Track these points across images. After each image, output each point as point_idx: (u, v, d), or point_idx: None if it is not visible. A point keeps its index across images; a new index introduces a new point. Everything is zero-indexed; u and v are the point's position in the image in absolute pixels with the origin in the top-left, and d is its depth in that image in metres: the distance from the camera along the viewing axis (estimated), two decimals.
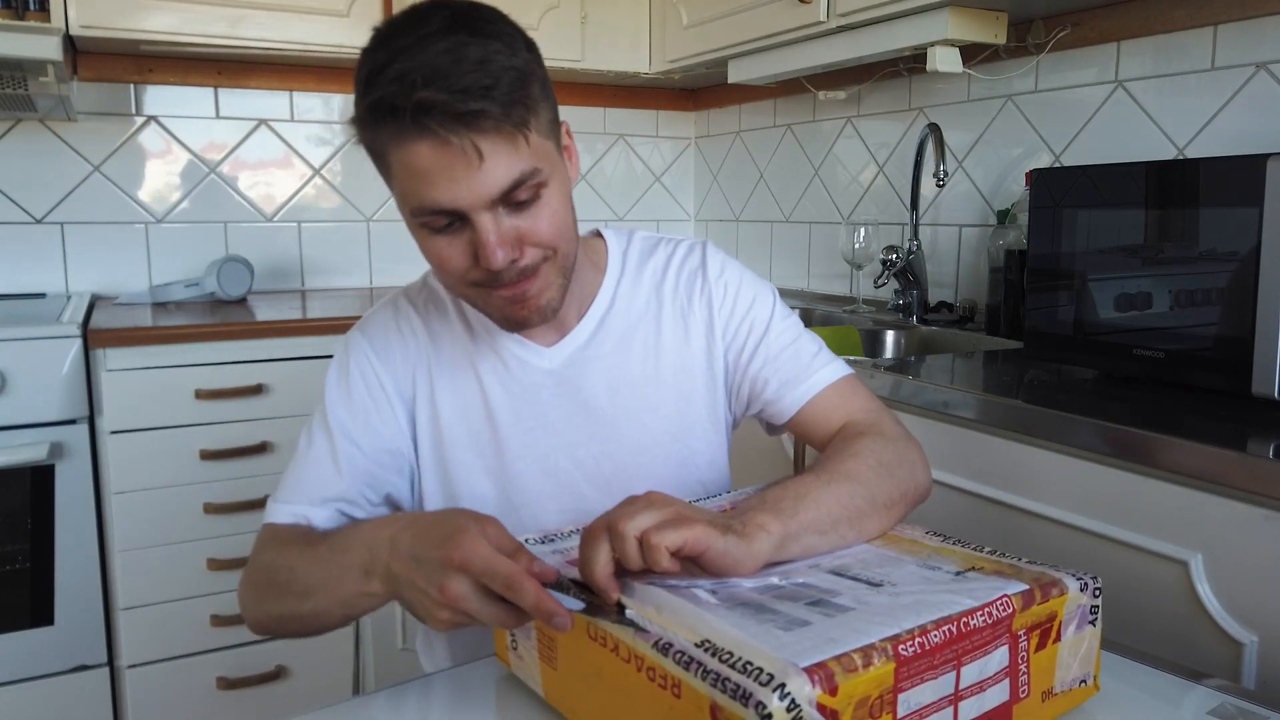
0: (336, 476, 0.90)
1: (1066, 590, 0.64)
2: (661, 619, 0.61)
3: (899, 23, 1.75)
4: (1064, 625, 0.64)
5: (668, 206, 3.02)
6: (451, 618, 0.67)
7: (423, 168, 0.77)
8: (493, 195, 0.78)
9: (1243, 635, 0.98)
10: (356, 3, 2.18)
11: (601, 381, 0.96)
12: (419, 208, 0.80)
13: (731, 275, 1.01)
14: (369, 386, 0.94)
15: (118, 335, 1.79)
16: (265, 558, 0.88)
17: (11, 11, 1.79)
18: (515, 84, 0.77)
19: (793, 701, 0.51)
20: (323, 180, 2.53)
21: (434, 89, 0.73)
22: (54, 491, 1.75)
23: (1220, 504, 0.99)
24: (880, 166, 2.28)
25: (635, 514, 0.65)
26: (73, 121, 2.24)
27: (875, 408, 0.96)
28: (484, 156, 0.76)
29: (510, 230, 0.81)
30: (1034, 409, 1.20)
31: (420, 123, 0.75)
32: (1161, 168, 1.25)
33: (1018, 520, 1.21)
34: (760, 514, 0.70)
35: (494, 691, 0.74)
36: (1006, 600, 0.61)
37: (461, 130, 0.75)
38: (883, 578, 0.66)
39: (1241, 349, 1.09)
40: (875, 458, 0.83)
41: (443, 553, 0.66)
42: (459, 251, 0.82)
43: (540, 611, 0.63)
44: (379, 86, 0.76)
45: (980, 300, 1.97)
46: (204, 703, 1.90)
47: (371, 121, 0.78)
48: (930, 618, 0.58)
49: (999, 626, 0.60)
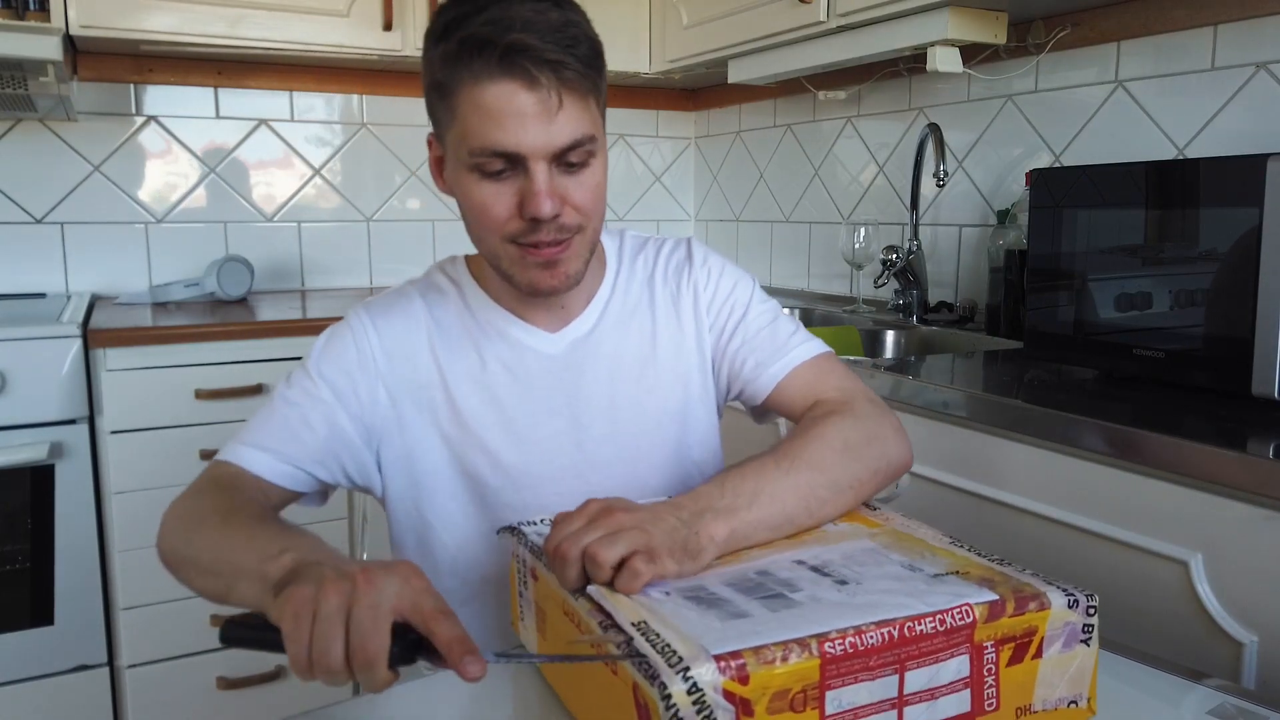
0: (306, 434, 0.90)
1: (1049, 605, 0.62)
2: (614, 597, 0.63)
3: (899, 23, 1.75)
4: (1046, 641, 0.63)
5: (668, 206, 3.02)
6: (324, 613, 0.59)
7: (498, 108, 0.81)
8: (557, 147, 0.83)
9: (1243, 635, 0.98)
10: (356, 3, 2.18)
11: (603, 367, 0.99)
12: (480, 148, 0.83)
13: (714, 262, 1.04)
14: (361, 358, 0.94)
15: (118, 335, 1.79)
16: (203, 504, 0.84)
17: (11, 11, 1.79)
18: (593, 52, 0.85)
19: (694, 685, 0.52)
20: (323, 180, 2.53)
21: (529, 34, 0.79)
22: (54, 491, 1.75)
23: (1220, 504, 0.99)
24: (880, 166, 2.28)
25: (603, 551, 0.66)
26: (73, 121, 2.24)
27: (849, 386, 0.97)
28: (563, 105, 0.82)
29: (560, 188, 0.85)
30: (1034, 409, 1.20)
31: (512, 60, 0.79)
32: (1161, 168, 1.25)
33: (1018, 520, 1.21)
34: (712, 522, 0.72)
35: (494, 691, 0.74)
36: (966, 609, 0.60)
37: (549, 74, 0.80)
38: (853, 576, 0.66)
39: (1241, 349, 1.09)
40: (841, 440, 0.84)
41: (393, 567, 0.63)
42: (505, 200, 0.85)
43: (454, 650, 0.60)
44: (469, 26, 0.80)
45: (980, 300, 1.97)
46: (204, 703, 1.90)
47: (455, 57, 0.82)
48: (871, 619, 0.58)
49: (955, 635, 0.59)
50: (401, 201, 2.61)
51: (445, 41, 0.82)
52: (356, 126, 2.54)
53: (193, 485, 0.88)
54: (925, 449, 1.35)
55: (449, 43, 0.82)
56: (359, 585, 0.61)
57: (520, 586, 0.77)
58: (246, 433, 0.91)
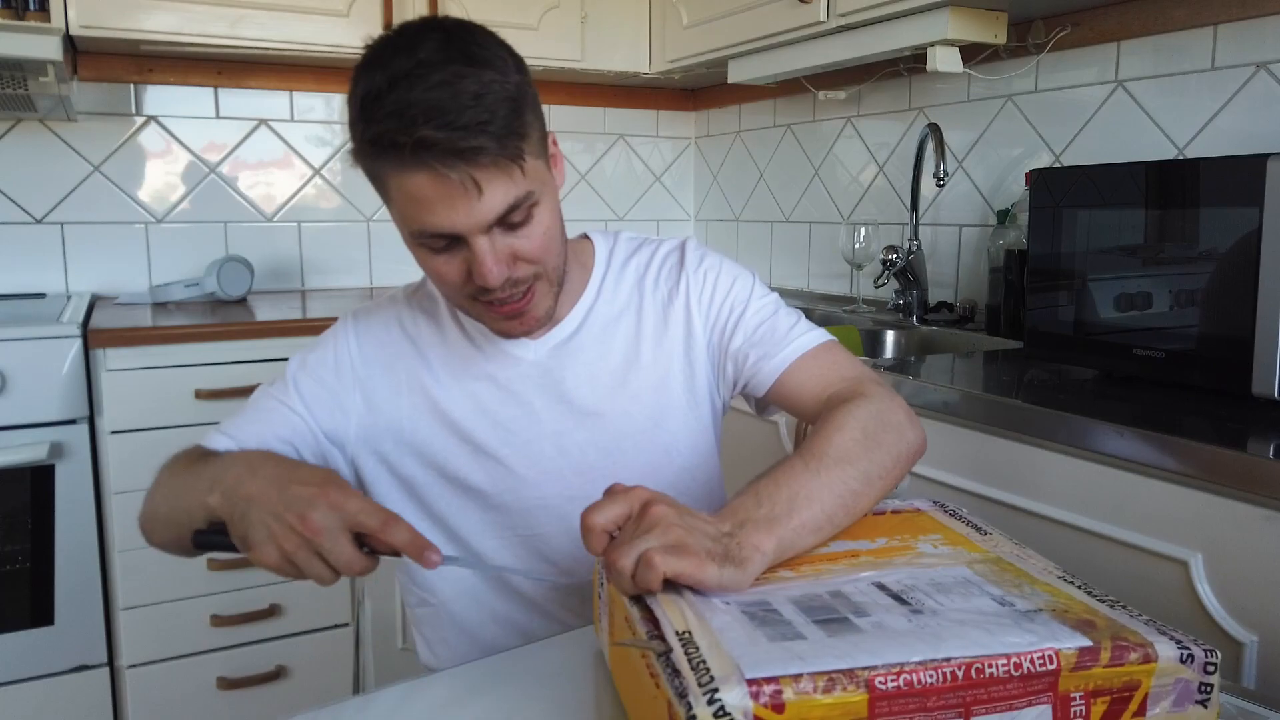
0: (270, 432, 0.93)
1: (1154, 658, 0.55)
2: (669, 604, 0.60)
3: (899, 23, 1.75)
4: (1151, 699, 0.56)
5: (667, 206, 3.02)
6: (288, 552, 0.71)
7: (422, 196, 0.80)
8: (489, 221, 0.82)
9: (1243, 635, 0.98)
10: (356, 3, 2.18)
11: (584, 373, 0.99)
12: (418, 231, 0.84)
13: (710, 264, 1.04)
14: (339, 367, 0.97)
15: (118, 335, 1.79)
16: (162, 474, 0.90)
17: (11, 11, 1.79)
18: (511, 115, 0.80)
19: (722, 708, 0.49)
20: (323, 180, 2.53)
21: (433, 126, 0.76)
22: (54, 491, 1.75)
23: (1220, 504, 0.99)
24: (880, 166, 2.28)
25: (639, 537, 0.65)
26: (73, 121, 2.24)
27: (855, 374, 0.95)
28: (482, 190, 0.80)
29: (505, 248, 0.85)
30: (1034, 409, 1.20)
31: (420, 158, 0.78)
32: (1161, 168, 1.25)
33: (1018, 520, 1.21)
34: (755, 532, 0.68)
35: (494, 691, 0.74)
36: (1049, 654, 0.54)
37: (460, 165, 0.78)
38: (932, 605, 0.60)
39: (1241, 349, 1.09)
40: (861, 429, 0.82)
41: (317, 489, 0.72)
42: (456, 269, 0.86)
43: (415, 547, 0.71)
44: (378, 120, 0.78)
45: (980, 300, 1.97)
46: (204, 703, 1.90)
47: (372, 153, 0.81)
48: (935, 655, 0.53)
49: (1033, 681, 0.53)
50: None
51: (362, 124, 0.80)
52: None
53: (166, 464, 0.93)
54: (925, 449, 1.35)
55: (365, 133, 0.80)
56: (308, 532, 0.70)
57: (599, 589, 0.74)
58: (225, 424, 0.95)
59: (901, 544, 0.74)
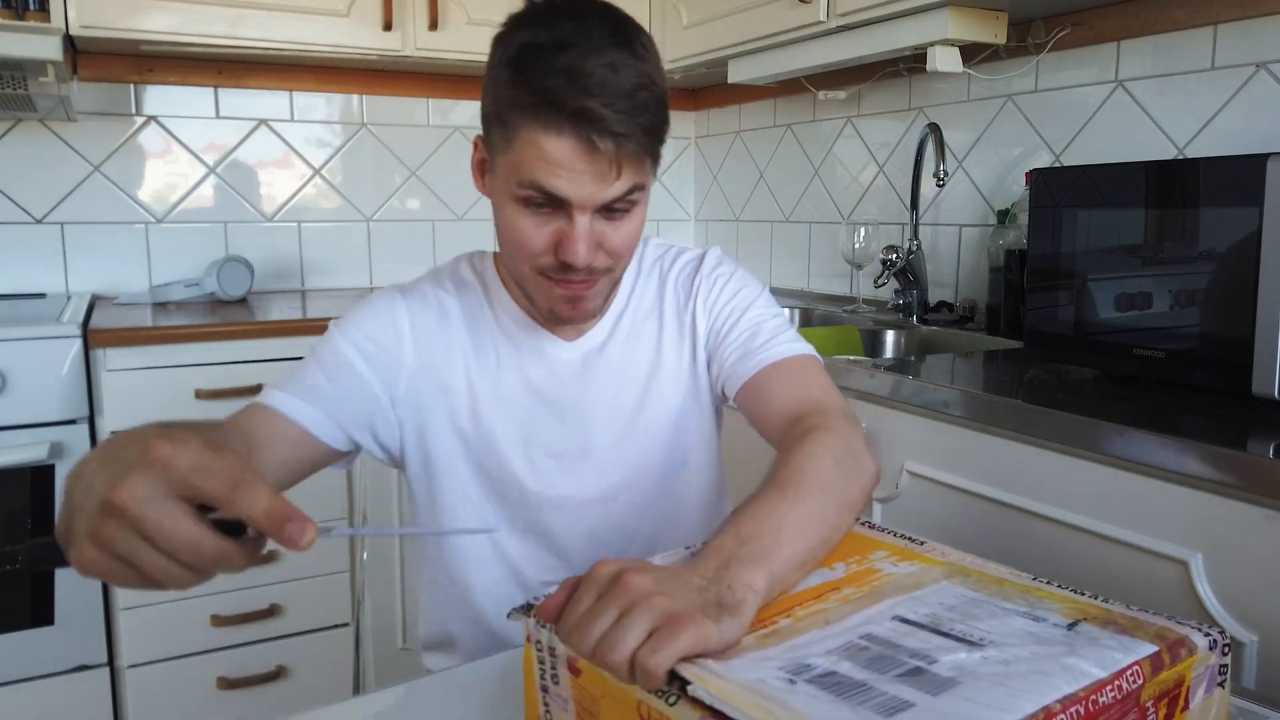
0: (333, 389, 0.92)
1: (1195, 650, 0.55)
2: (726, 693, 0.49)
3: (899, 22, 1.75)
4: (1192, 690, 0.55)
5: (668, 206, 3.02)
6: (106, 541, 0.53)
7: (558, 159, 0.81)
8: (605, 201, 0.84)
9: (1243, 635, 0.98)
10: (356, 3, 2.18)
11: (613, 375, 1.00)
12: (531, 183, 0.83)
13: (723, 270, 1.05)
14: (398, 336, 0.96)
15: (118, 335, 1.79)
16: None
17: (11, 11, 1.79)
18: (660, 113, 0.84)
19: None
20: (323, 180, 2.53)
21: (600, 101, 0.79)
22: (54, 491, 1.74)
23: (1220, 504, 0.99)
24: (880, 166, 2.28)
25: (621, 636, 0.54)
26: (73, 121, 2.24)
27: (820, 398, 0.92)
28: (620, 173, 0.83)
29: (597, 234, 0.87)
30: (1034, 409, 1.20)
31: (577, 124, 0.79)
32: (1161, 167, 1.25)
33: (1018, 520, 1.21)
34: (743, 570, 0.61)
35: (494, 691, 0.74)
36: (1137, 670, 0.51)
37: (612, 147, 0.81)
38: (980, 634, 0.55)
39: (1241, 349, 1.09)
40: (831, 456, 0.78)
41: (143, 447, 0.53)
42: (543, 235, 0.86)
43: (273, 519, 0.51)
44: (547, 74, 0.79)
45: (980, 300, 1.97)
46: (204, 703, 1.90)
47: (524, 99, 0.81)
48: (1054, 696, 0.48)
49: (1128, 701, 0.50)
50: (401, 201, 2.61)
51: (516, 73, 0.81)
52: (356, 126, 2.54)
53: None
54: (925, 449, 1.35)
55: (520, 80, 0.81)
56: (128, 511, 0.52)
57: (545, 680, 0.61)
58: (281, 378, 0.93)
59: (861, 566, 0.68)
